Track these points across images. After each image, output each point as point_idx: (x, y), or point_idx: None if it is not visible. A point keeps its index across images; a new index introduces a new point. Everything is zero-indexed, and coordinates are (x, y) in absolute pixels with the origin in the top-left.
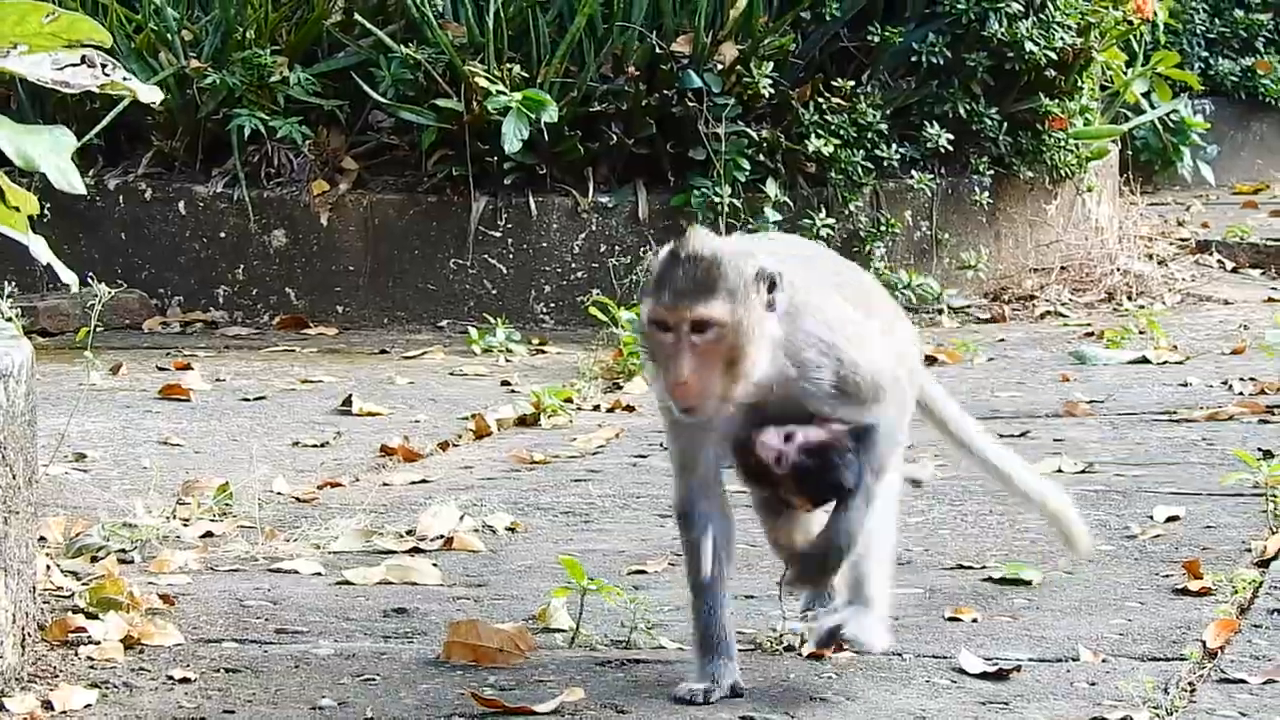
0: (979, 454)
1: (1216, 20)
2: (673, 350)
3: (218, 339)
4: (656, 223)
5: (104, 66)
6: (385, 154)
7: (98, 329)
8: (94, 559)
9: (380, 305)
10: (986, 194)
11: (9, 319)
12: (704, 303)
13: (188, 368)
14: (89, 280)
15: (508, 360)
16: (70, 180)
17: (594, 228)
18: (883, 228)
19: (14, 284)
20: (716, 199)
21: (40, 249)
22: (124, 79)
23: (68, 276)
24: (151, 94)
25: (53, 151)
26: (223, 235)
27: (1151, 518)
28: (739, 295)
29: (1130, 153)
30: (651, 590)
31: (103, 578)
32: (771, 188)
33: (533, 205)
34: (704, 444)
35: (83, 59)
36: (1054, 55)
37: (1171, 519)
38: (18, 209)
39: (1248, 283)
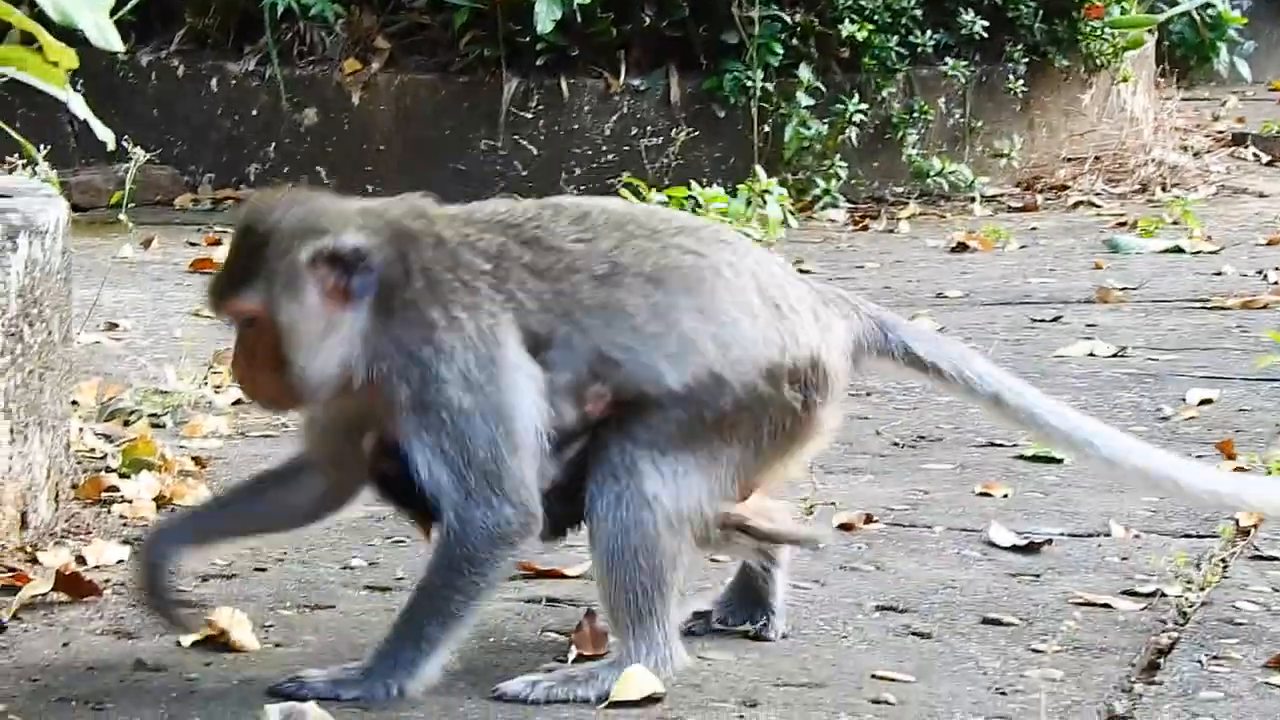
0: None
1: None
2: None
3: None
4: (688, 106)
5: None
6: (418, 34)
7: (130, 205)
8: (126, 423)
9: (411, 185)
10: (1021, 82)
11: (46, 179)
12: (233, 296)
13: (218, 243)
14: (124, 142)
15: None
16: (108, 37)
17: (625, 110)
18: (916, 115)
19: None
20: (749, 83)
21: (78, 105)
22: None
23: (104, 134)
24: None
25: (89, 8)
26: (254, 113)
27: (1184, 400)
28: (280, 282)
29: (1167, 45)
30: None
31: (135, 440)
32: (804, 72)
33: (564, 87)
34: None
35: None
36: None
37: (1205, 402)
38: (56, 64)
39: None
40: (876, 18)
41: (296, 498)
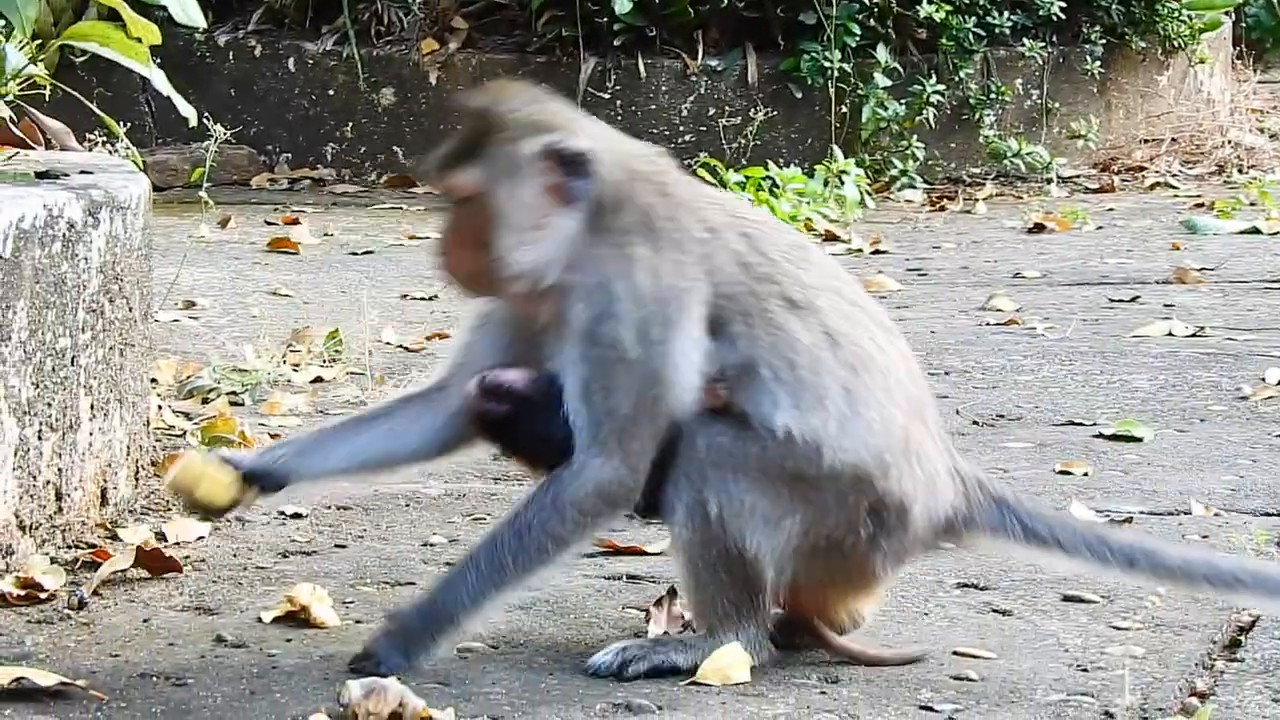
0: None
1: None
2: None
3: (325, 196)
4: (765, 87)
5: None
6: (495, 13)
7: (206, 185)
8: (205, 400)
9: None
10: (1098, 63)
11: (127, 155)
12: (456, 171)
13: (296, 222)
14: (205, 119)
15: None
16: (190, 13)
17: (702, 91)
18: (993, 96)
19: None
20: (826, 64)
21: (161, 81)
22: None
23: (187, 110)
24: None
25: None
26: (331, 93)
27: (1263, 380)
28: (503, 167)
29: (1243, 28)
30: None
31: (214, 418)
32: (882, 53)
33: (641, 67)
34: (479, 344)
35: None
36: None
37: None
38: (139, 40)
39: None
40: None
41: (430, 421)
